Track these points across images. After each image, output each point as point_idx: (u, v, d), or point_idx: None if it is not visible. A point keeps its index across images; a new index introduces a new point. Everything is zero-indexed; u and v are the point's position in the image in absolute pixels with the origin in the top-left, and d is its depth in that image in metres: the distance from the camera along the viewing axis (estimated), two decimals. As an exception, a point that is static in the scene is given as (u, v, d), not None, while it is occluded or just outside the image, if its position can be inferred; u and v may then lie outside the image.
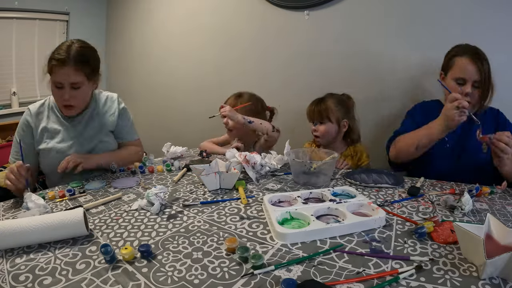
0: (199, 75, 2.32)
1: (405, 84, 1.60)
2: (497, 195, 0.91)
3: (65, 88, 1.08)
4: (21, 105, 2.41)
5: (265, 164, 1.10)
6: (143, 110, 2.70)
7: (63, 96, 1.09)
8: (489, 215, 0.62)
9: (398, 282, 0.52)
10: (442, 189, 0.96)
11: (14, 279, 0.55)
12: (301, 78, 1.88)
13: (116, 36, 2.84)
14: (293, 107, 1.92)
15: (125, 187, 1.03)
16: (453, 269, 0.55)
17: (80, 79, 1.09)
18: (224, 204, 0.88)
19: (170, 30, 2.42)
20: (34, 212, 0.77)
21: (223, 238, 0.69)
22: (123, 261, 0.60)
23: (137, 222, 0.77)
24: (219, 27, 2.15)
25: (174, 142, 1.44)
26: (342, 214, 0.75)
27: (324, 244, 0.65)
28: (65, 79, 1.06)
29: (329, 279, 0.54)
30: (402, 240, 0.66)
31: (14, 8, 2.29)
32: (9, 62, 2.36)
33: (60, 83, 1.07)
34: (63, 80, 1.06)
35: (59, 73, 1.05)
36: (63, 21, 2.61)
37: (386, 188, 0.97)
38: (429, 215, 0.78)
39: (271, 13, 1.90)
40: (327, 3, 1.71)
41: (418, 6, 1.50)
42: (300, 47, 1.86)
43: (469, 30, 1.40)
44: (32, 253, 0.64)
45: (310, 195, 0.88)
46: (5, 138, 2.33)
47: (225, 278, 0.55)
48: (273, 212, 0.74)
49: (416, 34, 1.53)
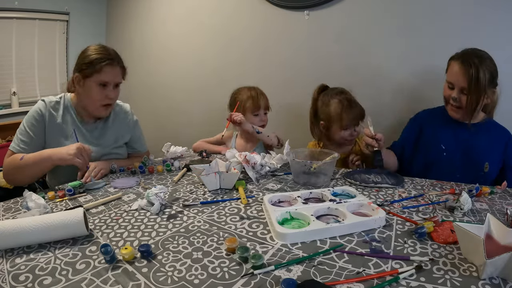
0: (199, 75, 2.32)
1: (405, 84, 1.60)
2: (497, 195, 0.91)
3: (110, 87, 1.15)
4: (21, 105, 2.41)
5: (265, 164, 1.10)
6: (143, 110, 2.70)
7: (109, 94, 1.15)
8: (489, 215, 0.62)
9: (398, 282, 0.52)
10: (442, 189, 0.96)
11: (14, 279, 0.55)
12: (301, 78, 1.88)
13: (116, 36, 2.84)
14: (293, 107, 1.92)
15: (125, 187, 1.03)
16: (453, 269, 0.55)
17: (121, 80, 1.20)
18: (224, 204, 0.88)
19: (170, 30, 2.42)
20: (34, 212, 0.77)
21: (223, 238, 0.69)
22: (123, 261, 0.60)
23: (137, 222, 0.77)
24: (219, 27, 2.15)
25: (174, 142, 1.43)
26: (342, 214, 0.75)
27: (324, 244, 0.65)
28: (113, 78, 1.15)
29: (329, 279, 0.54)
30: (402, 240, 0.66)
31: (14, 8, 2.29)
32: (9, 62, 2.35)
33: (108, 82, 1.14)
34: (112, 79, 1.15)
35: (109, 72, 1.13)
36: (63, 21, 2.61)
37: (386, 188, 0.97)
38: (429, 215, 0.78)
39: (271, 13, 1.90)
40: (327, 3, 1.71)
41: (418, 6, 1.50)
42: (300, 47, 1.86)
43: (469, 30, 1.40)
44: (32, 253, 0.64)
45: (310, 195, 0.88)
46: (5, 138, 2.33)
47: (225, 278, 0.55)
48: (273, 212, 0.74)
49: (416, 34, 1.52)
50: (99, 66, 1.10)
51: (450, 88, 1.16)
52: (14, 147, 1.09)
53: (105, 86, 1.14)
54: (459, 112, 1.17)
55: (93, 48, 1.15)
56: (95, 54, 1.12)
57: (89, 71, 1.11)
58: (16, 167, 1.05)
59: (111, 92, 1.16)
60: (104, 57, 1.12)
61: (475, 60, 1.08)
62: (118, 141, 1.28)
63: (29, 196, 0.81)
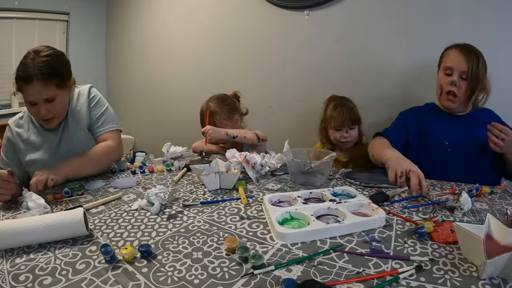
0: (199, 75, 2.32)
1: (405, 84, 1.60)
2: (497, 195, 0.91)
3: (39, 104, 1.02)
4: (21, 105, 2.41)
5: (265, 164, 1.10)
6: (143, 110, 2.70)
7: (40, 112, 1.04)
8: (489, 215, 0.62)
9: (398, 282, 0.52)
10: (442, 189, 0.96)
11: (14, 279, 0.55)
12: (301, 78, 1.88)
13: (116, 36, 2.84)
14: (293, 107, 1.92)
15: (125, 187, 1.03)
16: (453, 269, 0.55)
17: (52, 93, 1.02)
18: (224, 204, 0.88)
19: (170, 30, 2.42)
20: (34, 212, 0.77)
21: (223, 238, 0.69)
22: (123, 261, 0.60)
23: (137, 222, 0.77)
24: (219, 27, 2.15)
25: (174, 142, 1.44)
26: (342, 214, 0.75)
27: (324, 244, 0.65)
28: (36, 96, 1.01)
29: (329, 279, 0.54)
30: (402, 240, 0.66)
31: (14, 8, 2.29)
32: (9, 62, 2.36)
33: (32, 101, 1.02)
34: (35, 98, 1.01)
35: (30, 92, 0.99)
36: (63, 21, 2.61)
37: (386, 188, 0.97)
38: (429, 215, 0.78)
39: (271, 13, 1.90)
40: (327, 3, 1.71)
41: (418, 6, 1.50)
42: (300, 47, 1.86)
43: (469, 30, 1.40)
44: (32, 253, 0.64)
45: (310, 195, 0.88)
46: (5, 138, 2.33)
47: (225, 278, 0.55)
48: (273, 212, 0.74)
49: (416, 34, 1.53)
50: (19, 85, 0.99)
51: (448, 74, 1.17)
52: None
53: (33, 105, 1.03)
54: (456, 101, 1.17)
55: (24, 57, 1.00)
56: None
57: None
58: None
59: (42, 109, 1.03)
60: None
61: (473, 48, 1.14)
62: (78, 128, 1.15)
63: (29, 196, 0.81)
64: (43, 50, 1.02)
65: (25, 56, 1.01)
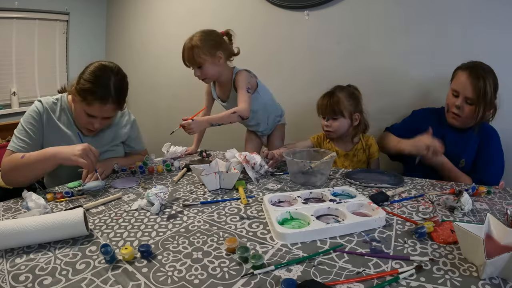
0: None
1: (405, 84, 1.60)
2: (497, 195, 0.91)
3: (98, 119, 1.08)
4: (21, 105, 2.41)
5: (265, 164, 1.10)
6: (143, 110, 2.70)
7: (93, 125, 1.10)
8: (489, 215, 0.62)
9: (398, 282, 0.52)
10: (442, 189, 0.96)
11: (14, 279, 0.55)
12: (301, 78, 1.89)
13: (116, 36, 2.84)
14: (293, 107, 1.91)
15: (125, 187, 1.03)
16: (453, 269, 0.55)
17: (114, 114, 1.13)
18: (224, 204, 0.88)
19: (170, 30, 2.42)
20: (34, 212, 0.77)
21: (223, 238, 0.69)
22: (123, 261, 0.60)
23: (137, 222, 0.77)
24: (219, 27, 2.14)
25: (173, 142, 1.44)
26: (342, 214, 0.75)
27: (324, 244, 0.65)
28: (101, 114, 1.07)
29: (329, 279, 0.54)
30: (402, 240, 0.66)
31: (14, 8, 2.30)
32: (9, 62, 2.36)
33: (94, 116, 1.07)
34: (99, 114, 1.07)
35: (98, 109, 1.05)
36: (63, 21, 2.61)
37: (386, 188, 0.97)
38: (429, 215, 0.78)
39: (271, 13, 1.90)
40: (327, 3, 1.71)
41: (418, 6, 1.50)
42: (300, 47, 1.86)
43: (470, 30, 1.40)
44: (32, 253, 0.64)
45: (310, 195, 0.88)
46: (5, 138, 2.33)
47: (225, 278, 0.55)
48: (273, 212, 0.74)
49: (416, 34, 1.52)
50: (90, 99, 1.02)
51: (455, 96, 1.20)
52: (13, 146, 1.05)
53: (92, 117, 1.07)
54: (459, 120, 1.21)
55: (92, 70, 1.04)
56: (90, 82, 1.02)
57: (79, 98, 1.03)
58: (16, 166, 0.99)
59: (96, 123, 1.09)
60: (98, 92, 1.02)
61: (482, 73, 1.12)
62: (115, 140, 1.26)
63: (29, 196, 0.81)
64: (113, 69, 1.08)
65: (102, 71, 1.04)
